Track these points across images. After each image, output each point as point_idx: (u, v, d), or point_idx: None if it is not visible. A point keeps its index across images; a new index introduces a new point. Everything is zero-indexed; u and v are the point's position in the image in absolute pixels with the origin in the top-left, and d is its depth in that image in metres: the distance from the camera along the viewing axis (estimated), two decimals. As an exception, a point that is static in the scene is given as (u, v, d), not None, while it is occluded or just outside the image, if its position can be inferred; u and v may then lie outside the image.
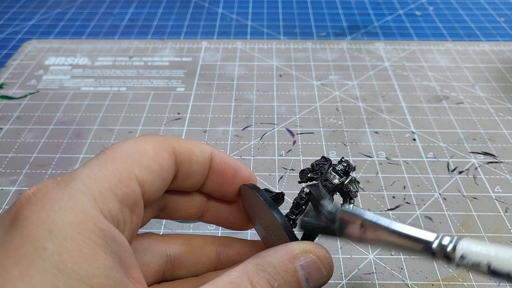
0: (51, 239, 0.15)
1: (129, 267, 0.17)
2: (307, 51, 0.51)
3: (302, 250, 0.20)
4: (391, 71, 0.47)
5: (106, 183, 0.18)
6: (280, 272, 0.19)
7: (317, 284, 0.20)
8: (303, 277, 0.19)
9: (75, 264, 0.15)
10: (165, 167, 0.20)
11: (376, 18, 0.59)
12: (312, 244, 0.20)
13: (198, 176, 0.23)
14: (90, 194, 0.17)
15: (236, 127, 0.40)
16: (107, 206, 0.17)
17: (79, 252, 0.15)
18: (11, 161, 0.36)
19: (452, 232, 0.30)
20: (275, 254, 0.19)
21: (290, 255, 0.19)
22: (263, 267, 0.19)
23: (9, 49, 0.52)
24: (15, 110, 0.42)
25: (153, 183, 0.20)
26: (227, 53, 0.50)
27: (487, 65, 0.48)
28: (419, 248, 0.18)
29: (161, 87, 0.45)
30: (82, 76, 0.47)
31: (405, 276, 0.28)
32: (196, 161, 0.22)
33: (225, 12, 0.61)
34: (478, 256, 0.17)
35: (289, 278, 0.19)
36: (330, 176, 0.22)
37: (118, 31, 0.56)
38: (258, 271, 0.18)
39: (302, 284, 0.19)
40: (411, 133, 0.39)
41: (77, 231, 0.16)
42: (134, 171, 0.19)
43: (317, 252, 0.20)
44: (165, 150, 0.21)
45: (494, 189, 0.34)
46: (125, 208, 0.18)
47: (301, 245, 0.20)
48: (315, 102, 0.43)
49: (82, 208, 0.16)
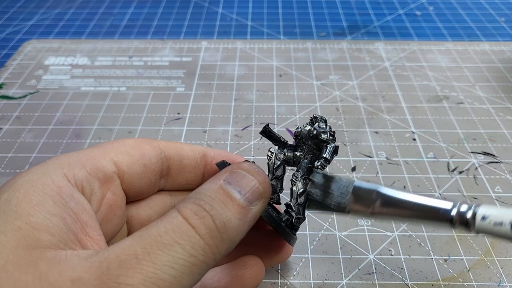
0: (7, 191, 0.18)
1: (85, 225, 0.18)
2: (307, 51, 0.51)
3: (225, 170, 0.20)
4: (391, 71, 0.47)
5: (77, 158, 0.20)
6: (207, 194, 0.18)
7: (255, 194, 0.19)
8: (233, 189, 0.19)
9: (18, 206, 0.17)
10: (146, 155, 0.22)
11: (376, 18, 0.59)
12: (237, 163, 0.20)
13: (192, 171, 0.24)
14: (58, 163, 0.19)
15: (236, 127, 0.40)
16: (72, 172, 0.19)
17: (27, 198, 0.17)
18: (11, 161, 0.36)
19: (452, 233, 0.30)
20: (204, 185, 0.19)
21: (215, 179, 0.19)
22: (190, 196, 0.19)
23: (8, 49, 0.52)
24: (15, 110, 0.42)
25: (131, 166, 0.21)
26: (227, 53, 0.50)
27: (487, 65, 0.48)
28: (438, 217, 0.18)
29: (161, 87, 0.45)
30: (82, 76, 0.46)
31: (405, 276, 0.27)
32: (186, 156, 0.23)
33: (225, 12, 0.61)
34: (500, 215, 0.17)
35: (217, 196, 0.18)
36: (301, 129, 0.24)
37: (118, 31, 0.56)
38: (186, 200, 0.18)
39: (234, 196, 0.19)
40: (411, 133, 0.39)
41: (31, 184, 0.18)
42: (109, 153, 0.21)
43: (241, 165, 0.20)
44: (147, 143, 0.22)
45: (494, 189, 0.33)
46: (94, 179, 0.20)
47: (226, 168, 0.20)
48: (315, 102, 0.43)
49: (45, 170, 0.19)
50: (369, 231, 0.30)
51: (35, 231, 0.16)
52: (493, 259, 0.29)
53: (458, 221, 0.18)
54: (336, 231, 0.30)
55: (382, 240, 0.30)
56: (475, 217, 0.17)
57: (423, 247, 0.29)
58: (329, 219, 0.31)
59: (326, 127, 0.24)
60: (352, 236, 0.30)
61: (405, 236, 0.30)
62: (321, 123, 0.24)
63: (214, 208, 0.18)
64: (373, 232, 0.30)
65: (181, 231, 0.17)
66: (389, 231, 0.30)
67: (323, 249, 0.29)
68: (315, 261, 0.28)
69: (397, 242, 0.30)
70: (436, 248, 0.29)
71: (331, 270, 0.28)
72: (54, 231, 0.16)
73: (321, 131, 0.23)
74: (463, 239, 0.30)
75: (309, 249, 0.29)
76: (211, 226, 0.17)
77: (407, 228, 0.30)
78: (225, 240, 0.18)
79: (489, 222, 0.17)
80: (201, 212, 0.17)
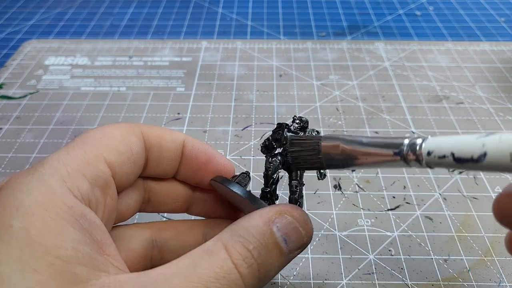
0: (17, 217, 0.15)
1: (102, 244, 0.17)
2: (307, 51, 0.51)
3: (276, 211, 0.19)
4: (391, 71, 0.47)
5: (74, 164, 0.18)
6: (255, 235, 0.18)
7: (298, 245, 0.19)
8: (281, 238, 0.19)
9: (41, 237, 0.15)
10: (134, 150, 0.21)
11: (376, 18, 0.59)
12: (286, 205, 0.20)
13: (170, 161, 0.23)
14: (58, 175, 0.17)
15: (236, 127, 0.40)
16: (75, 185, 0.18)
17: (45, 226, 0.15)
18: (11, 161, 0.36)
19: (452, 233, 0.30)
20: (249, 219, 0.19)
21: (265, 218, 0.19)
22: (238, 232, 0.18)
23: (8, 49, 0.52)
24: (15, 110, 0.42)
25: (123, 165, 0.20)
26: (227, 53, 0.50)
27: (487, 65, 0.48)
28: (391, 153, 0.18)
29: (161, 87, 0.45)
30: (82, 76, 0.46)
31: (405, 276, 0.28)
32: (166, 147, 0.23)
33: (225, 12, 0.61)
34: (442, 148, 0.17)
35: (265, 240, 0.18)
36: None
37: (118, 31, 0.56)
38: (233, 236, 0.18)
39: (281, 246, 0.19)
40: (411, 133, 0.39)
41: (43, 208, 0.16)
42: (102, 153, 0.19)
43: (292, 212, 0.20)
44: (133, 134, 0.21)
45: (494, 189, 0.33)
46: (96, 188, 0.19)
47: (275, 207, 0.20)
48: (315, 102, 0.43)
49: (50, 187, 0.17)
50: (369, 231, 0.30)
51: (68, 266, 0.15)
52: (493, 259, 0.29)
53: (410, 158, 0.18)
54: (336, 231, 0.30)
55: (382, 240, 0.30)
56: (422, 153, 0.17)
57: (423, 247, 0.29)
58: (329, 219, 0.31)
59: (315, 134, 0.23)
60: (352, 236, 0.30)
61: (405, 236, 0.30)
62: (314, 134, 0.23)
63: (261, 256, 0.18)
64: (373, 232, 0.30)
65: (230, 279, 0.17)
66: (389, 231, 0.30)
67: (323, 249, 0.29)
68: (315, 261, 0.28)
69: (397, 242, 0.30)
70: (436, 248, 0.29)
71: (331, 270, 0.28)
72: (84, 261, 0.16)
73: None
74: (463, 239, 0.30)
75: (309, 249, 0.29)
76: (255, 276, 0.18)
77: (407, 228, 0.30)
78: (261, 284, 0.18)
79: (434, 157, 0.17)
80: (249, 259, 0.17)
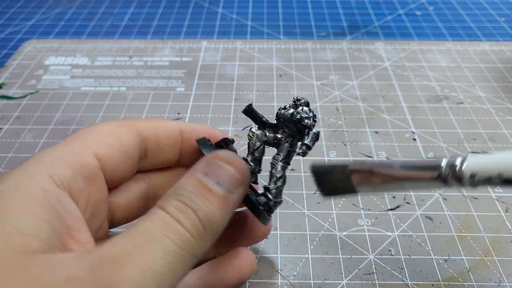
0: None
1: (71, 229, 0.18)
2: (307, 51, 0.51)
3: (202, 161, 0.20)
4: (391, 71, 0.47)
5: (59, 155, 0.19)
6: (188, 190, 0.18)
7: (233, 183, 0.19)
8: (212, 181, 0.19)
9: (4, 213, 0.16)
10: (125, 141, 0.21)
11: (376, 18, 0.59)
12: (214, 152, 0.20)
13: (170, 149, 0.23)
14: (41, 164, 0.18)
15: (236, 127, 0.40)
16: (57, 172, 0.18)
17: (11, 203, 0.17)
18: (11, 161, 0.36)
19: (452, 233, 0.30)
20: (182, 179, 0.19)
21: (192, 171, 0.19)
22: (172, 192, 0.19)
23: (8, 49, 0.52)
24: (15, 110, 0.42)
25: (113, 156, 0.21)
26: (227, 53, 0.50)
27: (487, 65, 0.48)
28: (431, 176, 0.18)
29: (161, 87, 0.45)
30: (82, 76, 0.46)
31: (405, 276, 0.27)
32: (163, 135, 0.23)
33: (225, 12, 0.61)
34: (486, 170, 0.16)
35: (198, 190, 0.18)
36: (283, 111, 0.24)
37: (118, 31, 0.56)
38: (167, 197, 0.18)
39: (214, 189, 0.19)
40: (411, 133, 0.39)
41: (15, 188, 0.17)
42: (89, 146, 0.20)
43: (215, 155, 0.20)
44: (123, 126, 0.22)
45: (494, 189, 0.33)
46: (80, 177, 0.19)
47: (202, 159, 0.20)
48: (315, 102, 0.43)
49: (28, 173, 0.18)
50: (369, 231, 0.30)
51: (24, 237, 0.16)
52: (493, 259, 0.29)
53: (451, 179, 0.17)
54: (336, 231, 0.30)
55: (382, 240, 0.30)
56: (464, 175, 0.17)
57: (423, 247, 0.29)
58: (329, 219, 0.31)
59: (309, 112, 0.23)
60: (352, 236, 0.30)
61: (405, 236, 0.30)
62: (305, 107, 0.24)
63: (195, 202, 0.18)
64: (373, 232, 0.30)
65: (168, 225, 0.17)
66: (389, 231, 0.30)
67: (323, 249, 0.29)
68: (315, 261, 0.28)
69: (397, 242, 0.30)
70: (436, 248, 0.29)
71: (331, 270, 0.28)
72: (43, 237, 0.16)
73: (304, 117, 0.23)
74: (463, 239, 0.30)
75: (309, 249, 0.29)
76: (194, 220, 0.18)
77: (407, 228, 0.30)
78: (209, 231, 0.18)
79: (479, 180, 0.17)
80: (183, 207, 0.18)
